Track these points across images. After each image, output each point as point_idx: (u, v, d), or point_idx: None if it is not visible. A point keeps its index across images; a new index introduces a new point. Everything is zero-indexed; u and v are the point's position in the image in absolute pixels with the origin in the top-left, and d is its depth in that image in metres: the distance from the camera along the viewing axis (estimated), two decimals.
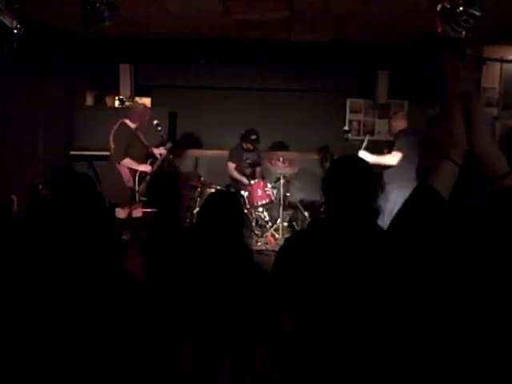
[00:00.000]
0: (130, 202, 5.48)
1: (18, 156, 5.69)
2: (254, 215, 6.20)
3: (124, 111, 7.21)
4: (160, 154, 5.70)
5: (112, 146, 5.43)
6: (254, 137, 6.15)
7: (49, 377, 1.50)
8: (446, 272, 1.07)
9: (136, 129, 5.45)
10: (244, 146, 6.31)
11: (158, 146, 5.81)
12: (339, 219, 1.85)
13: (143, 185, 5.45)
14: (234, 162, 6.33)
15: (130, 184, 5.38)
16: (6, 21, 3.46)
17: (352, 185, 1.86)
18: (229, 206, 2.02)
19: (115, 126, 5.45)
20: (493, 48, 6.77)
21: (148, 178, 5.47)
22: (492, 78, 7.05)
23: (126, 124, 5.44)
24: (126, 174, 5.36)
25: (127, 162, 5.33)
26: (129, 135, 5.41)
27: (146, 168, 5.44)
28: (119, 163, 5.34)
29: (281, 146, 7.41)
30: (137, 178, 5.39)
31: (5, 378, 1.49)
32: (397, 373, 1.22)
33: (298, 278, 1.80)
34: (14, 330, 1.52)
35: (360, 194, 1.85)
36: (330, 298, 1.73)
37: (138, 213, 5.64)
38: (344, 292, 1.71)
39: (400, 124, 5.51)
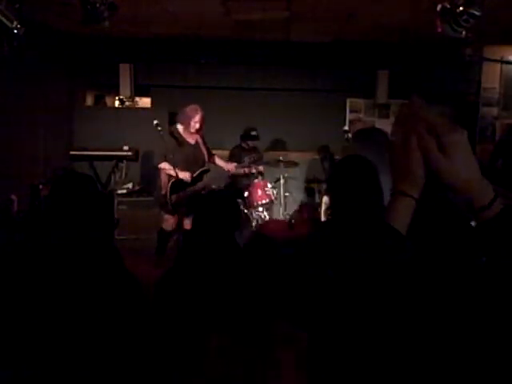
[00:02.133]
0: (166, 210, 5.06)
1: (18, 156, 5.68)
2: (254, 215, 6.20)
3: (124, 111, 7.26)
4: (228, 170, 5.31)
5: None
6: (254, 133, 6.20)
7: (49, 375, 1.50)
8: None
9: (187, 132, 5.02)
10: (244, 145, 6.32)
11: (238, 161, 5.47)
12: (349, 221, 1.84)
13: (179, 195, 4.94)
14: (235, 162, 6.34)
15: (164, 191, 4.94)
16: (6, 21, 3.46)
17: (361, 185, 1.85)
18: (223, 205, 2.01)
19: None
20: (493, 48, 6.77)
21: (191, 189, 4.93)
22: (492, 78, 7.06)
23: (175, 127, 5.07)
24: (163, 179, 4.95)
25: (164, 165, 4.90)
26: (172, 139, 4.96)
27: (183, 176, 4.87)
28: (157, 166, 4.98)
29: (281, 146, 7.41)
30: (169, 185, 4.90)
31: (5, 376, 1.49)
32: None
33: (310, 282, 1.79)
34: (14, 329, 1.52)
35: (369, 194, 1.85)
36: (341, 301, 1.72)
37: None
38: (356, 295, 1.71)
39: (358, 126, 5.50)
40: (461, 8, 3.56)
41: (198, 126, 5.00)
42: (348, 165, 1.99)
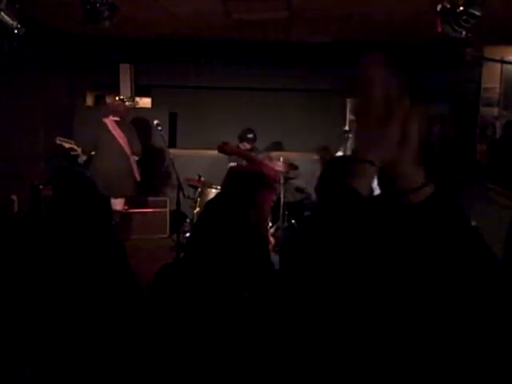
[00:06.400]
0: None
1: (18, 156, 5.68)
2: None
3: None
4: None
5: None
6: (250, 135, 6.19)
7: (50, 374, 1.50)
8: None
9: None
10: (241, 145, 6.32)
11: None
12: (331, 219, 1.84)
13: None
14: (234, 161, 6.34)
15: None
16: (7, 21, 3.46)
17: (344, 185, 1.85)
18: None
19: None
20: (493, 48, 6.77)
21: None
22: (492, 77, 7.06)
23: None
24: None
25: None
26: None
27: None
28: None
29: (281, 146, 7.41)
30: None
31: (7, 376, 1.49)
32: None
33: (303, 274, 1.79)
34: (16, 328, 1.52)
35: (352, 194, 1.84)
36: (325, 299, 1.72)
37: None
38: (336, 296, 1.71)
39: None
40: (461, 8, 3.55)
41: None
42: (334, 165, 1.99)
